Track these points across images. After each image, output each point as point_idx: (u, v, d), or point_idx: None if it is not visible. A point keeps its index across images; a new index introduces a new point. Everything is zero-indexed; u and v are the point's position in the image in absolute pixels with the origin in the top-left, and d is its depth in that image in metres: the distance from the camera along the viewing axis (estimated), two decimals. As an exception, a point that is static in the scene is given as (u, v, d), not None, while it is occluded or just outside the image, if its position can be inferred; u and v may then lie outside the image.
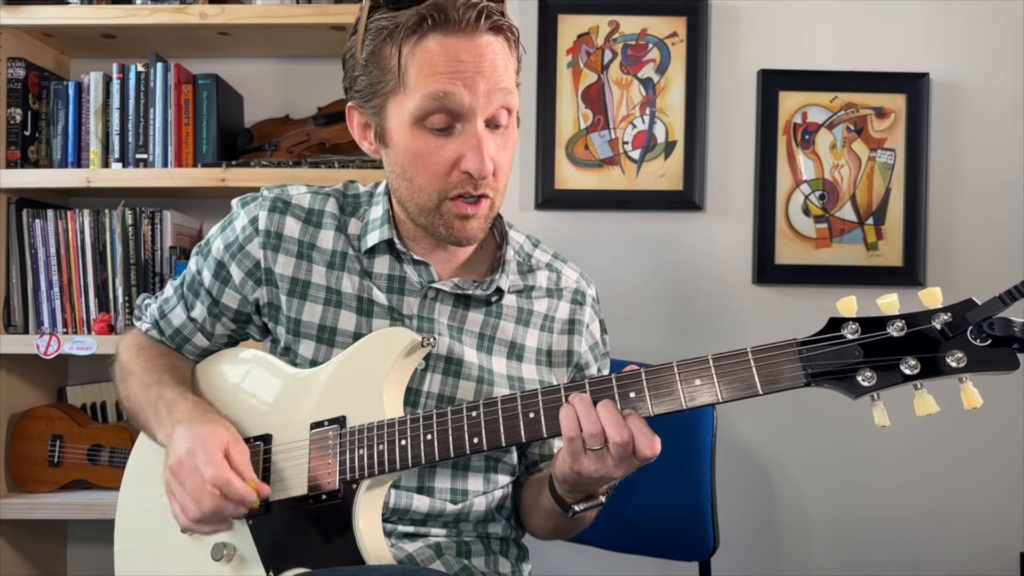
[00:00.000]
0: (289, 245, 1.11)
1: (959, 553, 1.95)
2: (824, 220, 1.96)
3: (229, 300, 1.14)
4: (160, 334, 1.19)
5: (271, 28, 1.77)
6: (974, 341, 0.80)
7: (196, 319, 1.16)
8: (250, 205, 1.13)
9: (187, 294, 1.17)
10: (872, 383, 0.84)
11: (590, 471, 0.92)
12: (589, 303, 1.19)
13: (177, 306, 1.18)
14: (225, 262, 1.13)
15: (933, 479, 1.96)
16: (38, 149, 1.85)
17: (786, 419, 1.96)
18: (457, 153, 1.00)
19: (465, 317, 1.11)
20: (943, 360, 0.82)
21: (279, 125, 1.95)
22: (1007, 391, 1.94)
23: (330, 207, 1.13)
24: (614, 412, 0.90)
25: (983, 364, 0.81)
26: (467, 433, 0.96)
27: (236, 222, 1.13)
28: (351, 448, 1.00)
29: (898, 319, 0.83)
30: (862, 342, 0.84)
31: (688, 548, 1.48)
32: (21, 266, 1.80)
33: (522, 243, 1.20)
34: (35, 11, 1.75)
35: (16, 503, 1.75)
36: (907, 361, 0.83)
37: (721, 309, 1.97)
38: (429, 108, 0.98)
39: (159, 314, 1.20)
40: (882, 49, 1.96)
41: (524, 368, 1.12)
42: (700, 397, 0.89)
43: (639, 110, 1.97)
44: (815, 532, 1.97)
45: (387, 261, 1.11)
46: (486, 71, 0.98)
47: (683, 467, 1.46)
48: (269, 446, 1.06)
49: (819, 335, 0.86)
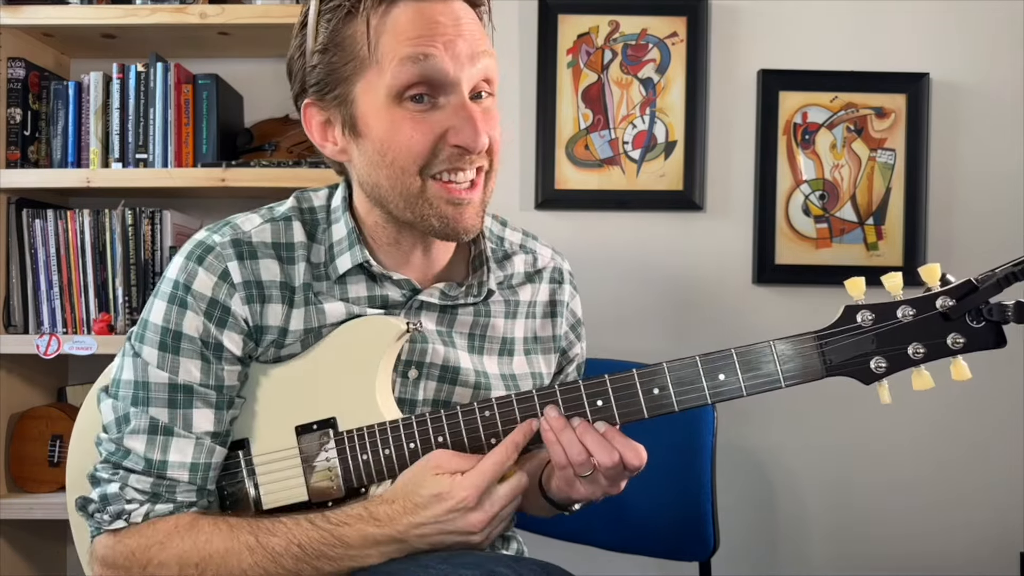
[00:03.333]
0: (272, 291, 0.95)
1: (959, 553, 1.95)
2: (824, 220, 1.96)
3: (231, 378, 0.95)
4: (170, 495, 0.92)
5: (271, 28, 1.77)
6: (971, 323, 0.86)
7: (206, 431, 0.93)
8: (208, 259, 0.94)
9: (177, 417, 0.91)
10: (884, 370, 0.88)
11: (586, 495, 0.93)
12: (567, 280, 1.15)
13: (173, 439, 0.91)
14: (211, 338, 0.93)
15: (933, 479, 1.96)
16: (38, 149, 1.85)
17: (786, 419, 1.96)
18: (444, 125, 0.90)
19: (454, 320, 1.04)
20: (944, 343, 0.86)
21: (279, 125, 1.95)
22: (1007, 391, 1.94)
23: (297, 235, 0.98)
24: (598, 437, 0.89)
25: (978, 344, 0.86)
26: (483, 434, 0.93)
27: (198, 285, 0.93)
28: (351, 453, 0.95)
29: (906, 305, 0.87)
30: (876, 331, 0.87)
31: (688, 548, 1.48)
32: (21, 266, 1.80)
33: (490, 226, 1.11)
34: (35, 11, 1.75)
35: (16, 503, 1.75)
36: (914, 347, 0.87)
37: (721, 309, 1.97)
38: (407, 77, 0.88)
39: (157, 477, 0.91)
40: (882, 49, 1.96)
41: (515, 362, 1.08)
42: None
43: (639, 110, 1.97)
44: (815, 532, 1.97)
45: (363, 283, 1.00)
46: (465, 34, 0.89)
47: (683, 467, 1.46)
48: (249, 455, 0.97)
49: (836, 326, 0.89)
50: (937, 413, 1.95)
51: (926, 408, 1.93)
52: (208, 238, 0.96)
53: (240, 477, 0.98)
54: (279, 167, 1.75)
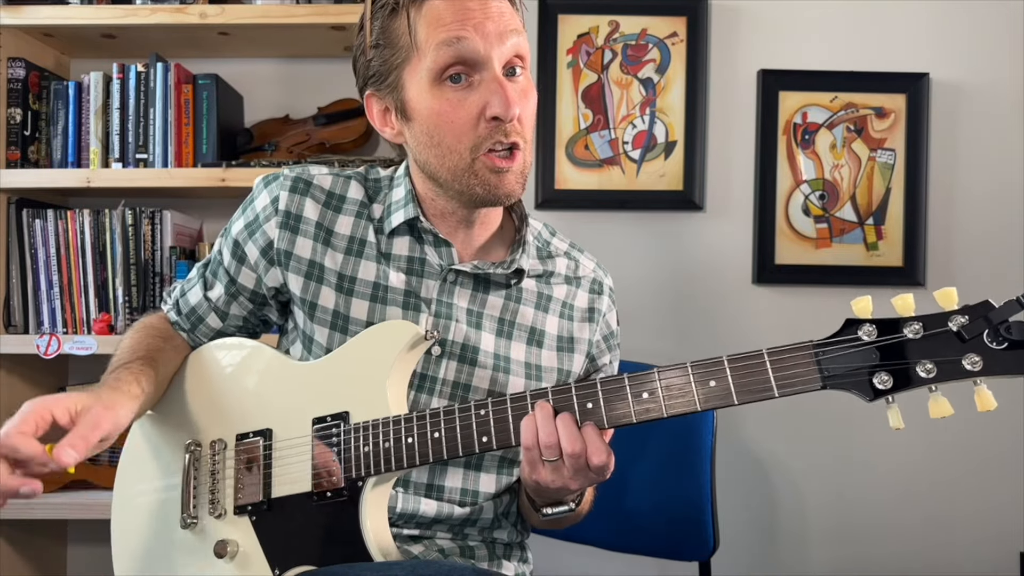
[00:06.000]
0: (307, 227, 1.09)
1: (959, 553, 1.95)
2: (824, 220, 1.96)
3: (245, 280, 1.13)
4: (178, 314, 1.18)
5: (271, 28, 1.77)
6: (990, 344, 0.80)
7: (212, 299, 1.15)
8: (272, 184, 1.12)
9: (208, 275, 1.17)
10: (888, 386, 0.83)
11: (547, 481, 0.94)
12: (607, 292, 1.20)
13: (196, 285, 1.17)
14: (242, 241, 1.12)
15: (933, 479, 1.96)
16: (38, 149, 1.85)
17: (786, 419, 1.96)
18: (481, 102, 0.99)
19: (485, 301, 1.10)
20: (959, 363, 0.80)
21: (279, 125, 1.95)
22: (1007, 392, 1.93)
23: (353, 192, 1.12)
24: (571, 425, 0.91)
25: (998, 367, 0.80)
26: (476, 432, 0.95)
27: (257, 201, 1.12)
28: (356, 445, 0.99)
29: (914, 321, 0.82)
30: (879, 344, 0.83)
31: (688, 548, 1.48)
32: (21, 266, 1.80)
33: (540, 229, 1.20)
34: (35, 11, 1.75)
35: (16, 503, 1.74)
36: (924, 364, 0.81)
37: (721, 309, 1.97)
38: (444, 59, 0.98)
39: (180, 294, 1.19)
40: (882, 49, 1.96)
41: (544, 355, 1.11)
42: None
43: (639, 110, 1.97)
44: (815, 532, 1.97)
45: (407, 242, 1.10)
46: (493, 15, 0.99)
47: (683, 467, 1.46)
48: (270, 441, 1.05)
49: (835, 337, 0.85)
50: (937, 413, 1.95)
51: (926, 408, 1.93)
52: (283, 170, 1.13)
53: (258, 463, 1.04)
54: (279, 167, 1.75)
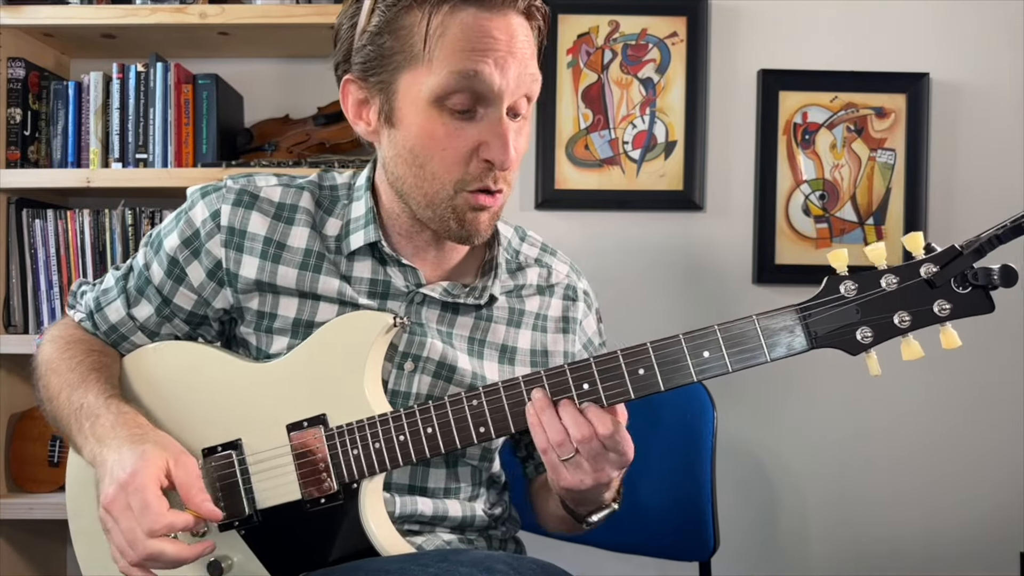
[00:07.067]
0: (254, 244, 1.01)
1: (959, 553, 1.95)
2: (824, 220, 1.96)
3: (183, 301, 1.04)
4: (94, 328, 1.08)
5: (271, 28, 1.77)
6: (957, 289, 0.84)
7: (138, 318, 1.06)
8: (211, 196, 1.02)
9: (131, 290, 1.06)
10: (870, 340, 0.86)
11: (574, 483, 0.90)
12: (581, 298, 1.14)
13: (117, 300, 1.06)
14: (182, 260, 1.03)
15: (933, 479, 1.96)
16: (38, 149, 1.85)
17: (787, 420, 1.96)
18: (478, 139, 0.92)
19: (454, 321, 1.05)
20: (931, 310, 0.85)
21: (279, 125, 1.95)
22: (1007, 391, 1.94)
23: (304, 202, 1.03)
24: (573, 412, 0.88)
25: (965, 310, 0.85)
26: (472, 423, 0.92)
27: (193, 213, 1.03)
28: (342, 449, 0.95)
29: (889, 273, 0.86)
30: (860, 301, 0.86)
31: (688, 548, 1.48)
32: (21, 266, 1.80)
33: (510, 238, 1.13)
34: (35, 11, 1.75)
35: (16, 503, 1.75)
36: (900, 315, 0.86)
37: (721, 309, 1.97)
38: (454, 86, 0.90)
39: (95, 306, 1.08)
40: (882, 49, 1.96)
41: (517, 371, 1.07)
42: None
43: (639, 110, 1.97)
44: (815, 532, 1.97)
45: (369, 265, 1.02)
46: (517, 53, 0.91)
47: (683, 467, 1.46)
48: (243, 455, 0.98)
49: (819, 297, 0.88)
50: (938, 413, 1.95)
51: (927, 409, 1.93)
52: (225, 180, 1.04)
53: (234, 478, 0.98)
54: (279, 167, 1.75)
